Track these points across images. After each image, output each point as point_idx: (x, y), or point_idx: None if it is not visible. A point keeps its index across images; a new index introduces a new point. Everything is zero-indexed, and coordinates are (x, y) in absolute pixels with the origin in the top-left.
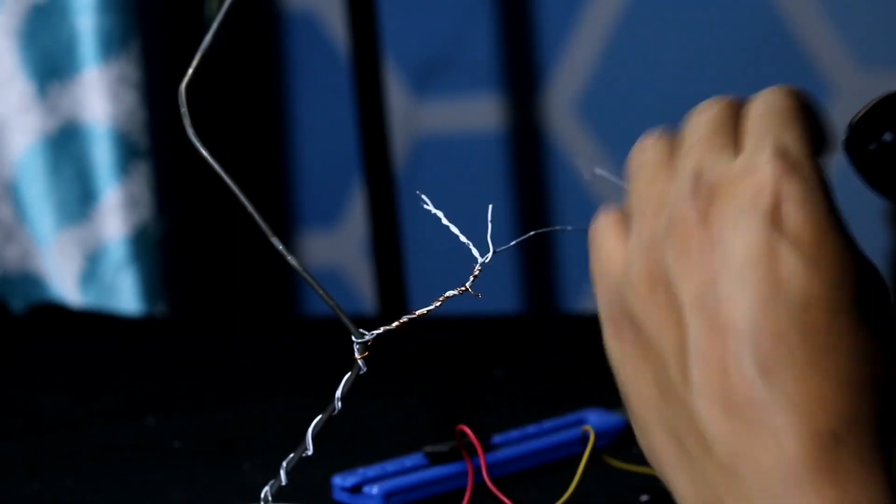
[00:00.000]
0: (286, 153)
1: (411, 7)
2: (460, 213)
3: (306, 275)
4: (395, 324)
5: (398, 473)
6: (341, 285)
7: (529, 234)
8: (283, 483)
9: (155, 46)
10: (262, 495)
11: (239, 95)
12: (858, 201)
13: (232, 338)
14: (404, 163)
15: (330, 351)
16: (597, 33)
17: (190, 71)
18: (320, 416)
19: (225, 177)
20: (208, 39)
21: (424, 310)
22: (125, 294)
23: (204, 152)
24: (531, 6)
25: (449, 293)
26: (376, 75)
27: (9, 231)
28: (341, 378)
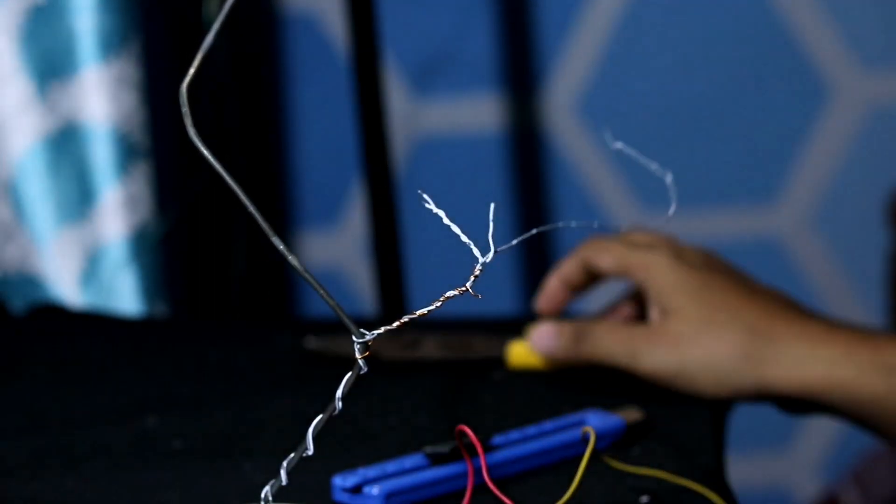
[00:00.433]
0: (286, 153)
1: (411, 7)
2: (460, 213)
3: (307, 275)
4: (396, 324)
5: (399, 474)
6: (341, 285)
7: (532, 233)
8: (284, 483)
9: (155, 46)
10: (263, 495)
11: (239, 95)
12: (859, 200)
13: (232, 338)
14: (404, 163)
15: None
16: (597, 33)
17: (192, 71)
18: (321, 417)
19: (226, 177)
20: (210, 40)
21: (425, 310)
22: (125, 294)
23: (205, 152)
24: (531, 6)
25: (449, 293)
26: (376, 75)
27: (8, 231)
28: (342, 378)
